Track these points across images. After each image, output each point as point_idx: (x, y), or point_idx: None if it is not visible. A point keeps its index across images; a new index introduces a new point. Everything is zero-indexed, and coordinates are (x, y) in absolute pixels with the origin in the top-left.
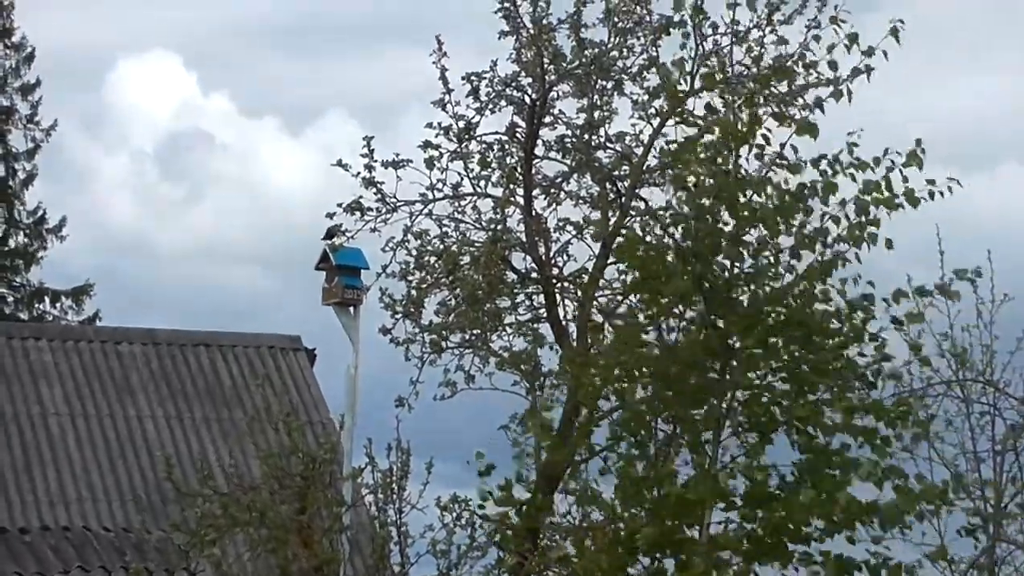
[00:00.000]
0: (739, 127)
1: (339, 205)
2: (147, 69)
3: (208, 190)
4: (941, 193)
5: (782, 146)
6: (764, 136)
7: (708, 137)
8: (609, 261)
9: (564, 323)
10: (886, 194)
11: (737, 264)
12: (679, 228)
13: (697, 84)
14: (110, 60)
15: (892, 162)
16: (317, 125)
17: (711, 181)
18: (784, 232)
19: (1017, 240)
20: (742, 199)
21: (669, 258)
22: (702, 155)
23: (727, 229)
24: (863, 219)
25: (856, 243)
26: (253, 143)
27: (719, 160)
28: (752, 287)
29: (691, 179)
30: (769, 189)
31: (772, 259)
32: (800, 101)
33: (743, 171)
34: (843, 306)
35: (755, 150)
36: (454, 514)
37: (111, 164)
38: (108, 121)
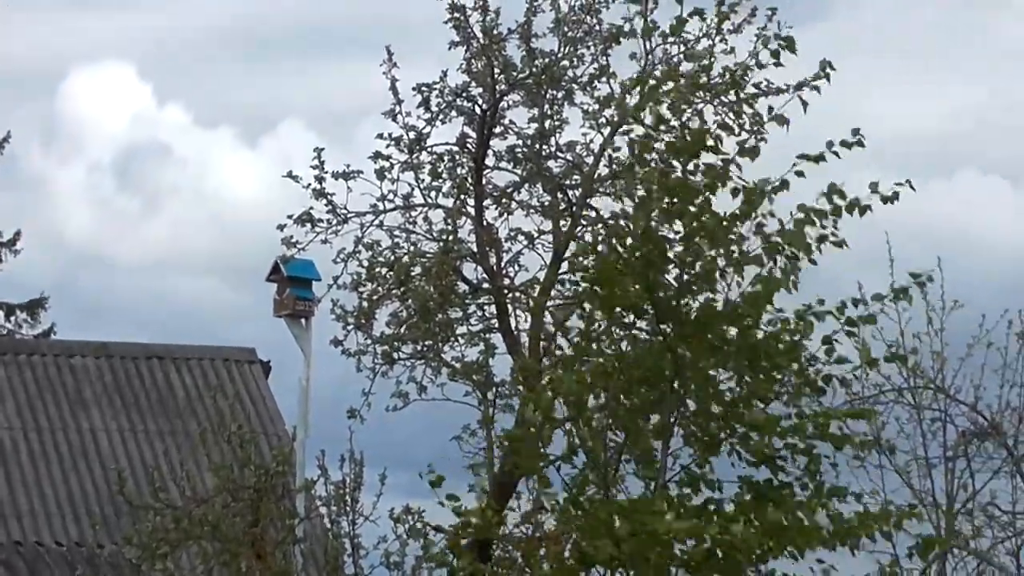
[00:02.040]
0: (688, 137)
1: (289, 217)
2: (101, 80)
3: (165, 201)
4: (892, 199)
5: (726, 163)
6: (714, 148)
7: (658, 145)
8: (561, 271)
9: (516, 333)
10: (833, 203)
11: (687, 272)
12: (629, 237)
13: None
14: (63, 70)
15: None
16: (273, 135)
17: (658, 191)
18: (732, 244)
19: (972, 248)
20: (692, 208)
21: (619, 267)
22: (654, 159)
23: (677, 238)
24: (807, 229)
25: (806, 251)
26: (209, 154)
27: (671, 168)
28: (699, 296)
29: (642, 188)
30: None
31: (717, 269)
32: (750, 111)
33: (695, 180)
34: (790, 316)
35: (706, 158)
36: (407, 525)
37: (66, 176)
38: (62, 132)
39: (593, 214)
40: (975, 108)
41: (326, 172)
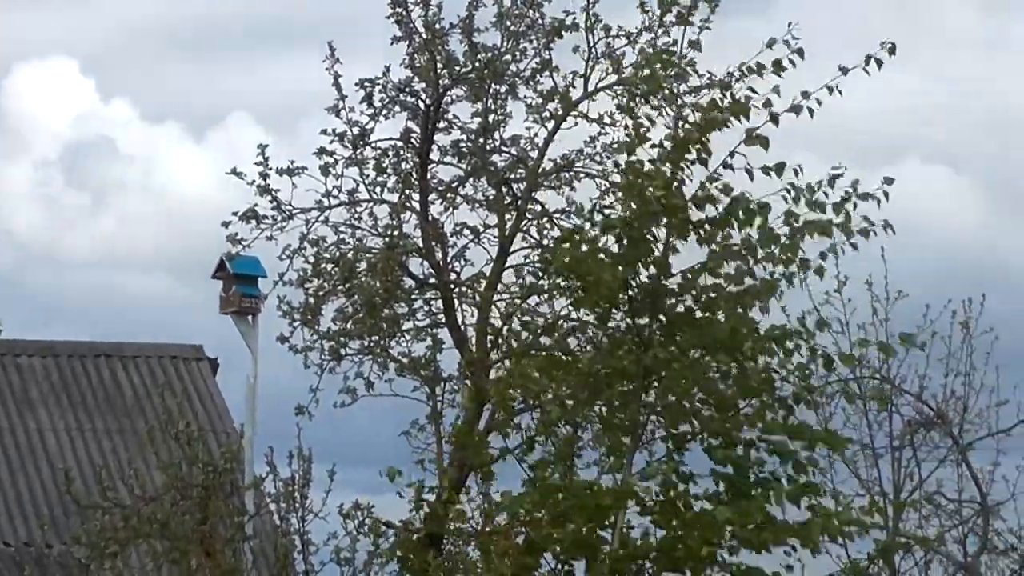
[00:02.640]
0: (685, 137)
1: (235, 214)
2: (44, 76)
3: (112, 198)
4: (880, 200)
5: (731, 154)
6: (704, 143)
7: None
8: (506, 265)
9: (463, 328)
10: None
11: (664, 272)
12: (612, 232)
13: (591, 87)
14: (4, 66)
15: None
16: (220, 129)
17: (652, 189)
18: (717, 245)
19: (916, 237)
20: (678, 210)
21: (600, 260)
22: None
23: (659, 235)
24: (796, 238)
25: (786, 264)
26: (156, 149)
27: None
28: (678, 300)
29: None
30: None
31: (701, 269)
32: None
33: (681, 180)
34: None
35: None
36: (356, 521)
37: (12, 172)
38: (7, 129)
39: (538, 208)
40: (916, 95)
41: (271, 168)
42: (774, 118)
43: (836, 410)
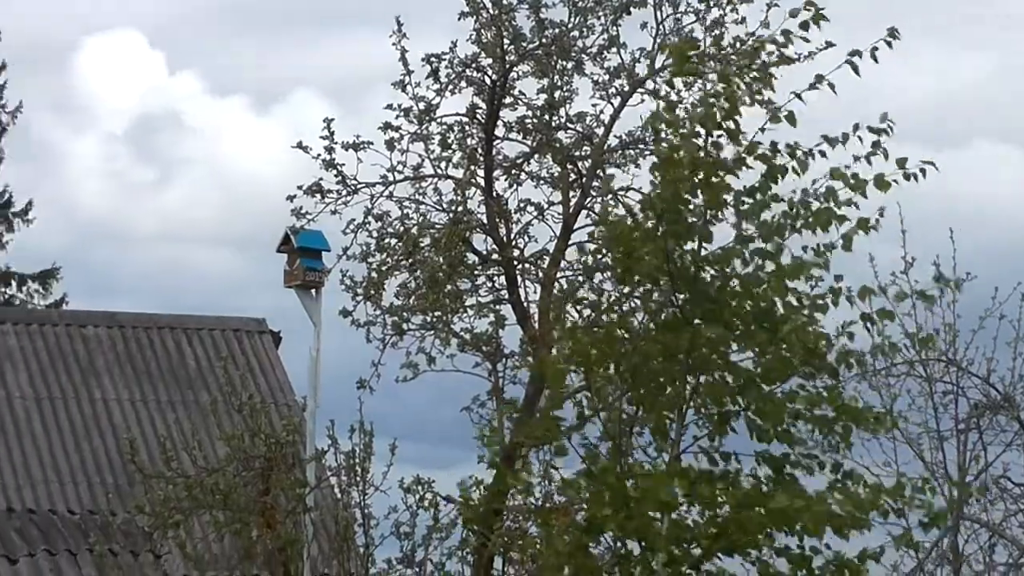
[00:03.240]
0: (715, 108)
1: (299, 187)
2: (112, 49)
3: (178, 171)
4: (915, 176)
5: (762, 130)
6: (736, 120)
7: (682, 114)
8: (570, 242)
9: (526, 304)
10: (852, 180)
11: (705, 245)
12: (650, 206)
13: (657, 64)
14: (74, 41)
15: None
16: (285, 104)
17: (686, 159)
18: (755, 216)
19: (986, 219)
20: (715, 180)
21: (638, 236)
22: (681, 130)
23: (697, 209)
24: (831, 204)
25: (824, 228)
26: (221, 123)
27: (695, 139)
28: (719, 269)
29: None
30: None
31: (741, 243)
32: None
33: (716, 152)
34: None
35: (730, 130)
36: (417, 496)
37: (80, 146)
38: (75, 102)
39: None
40: (988, 77)
41: (336, 143)
42: (798, 95)
43: (901, 391)
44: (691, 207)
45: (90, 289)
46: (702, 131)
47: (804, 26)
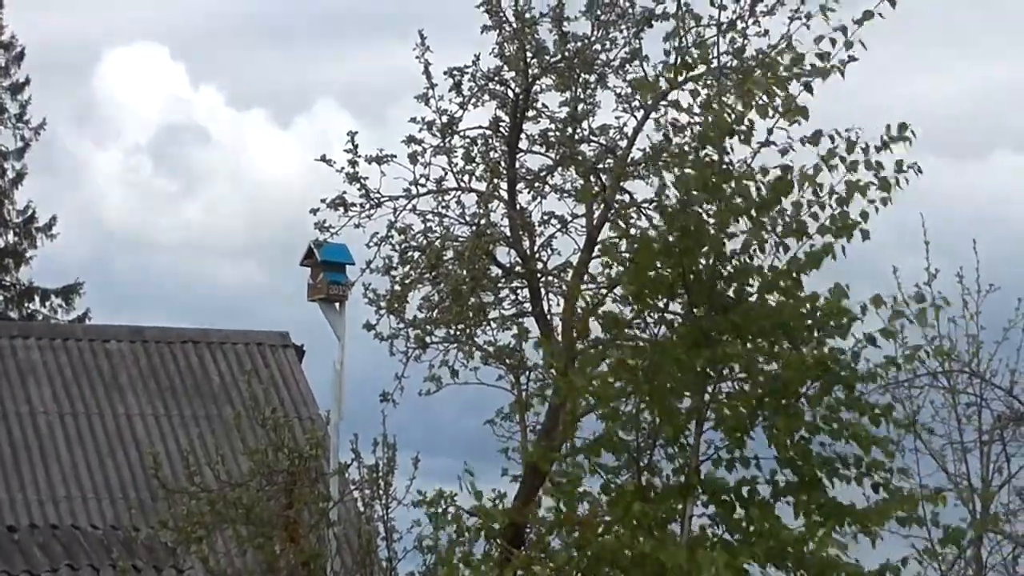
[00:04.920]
0: (726, 116)
1: (323, 200)
2: (134, 61)
3: (200, 184)
4: (906, 180)
5: (770, 131)
6: (749, 122)
7: (694, 128)
8: (594, 255)
9: (549, 317)
10: (863, 181)
11: (720, 259)
12: (664, 219)
13: (680, 76)
14: (96, 53)
15: (876, 146)
16: (307, 116)
17: (697, 173)
18: (768, 227)
19: (1010, 228)
20: (727, 191)
21: (654, 250)
22: (690, 144)
23: (711, 221)
24: (845, 208)
25: (837, 234)
26: (243, 136)
27: (704, 151)
28: (736, 284)
29: (676, 169)
30: (754, 182)
31: (757, 250)
32: (783, 93)
33: (728, 162)
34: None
35: (741, 136)
36: (439, 509)
37: (103, 159)
38: (97, 115)
39: (627, 198)
40: (1008, 84)
41: (359, 156)
42: (807, 87)
43: (924, 403)
44: (705, 219)
45: (112, 301)
46: (713, 136)
47: (818, 40)
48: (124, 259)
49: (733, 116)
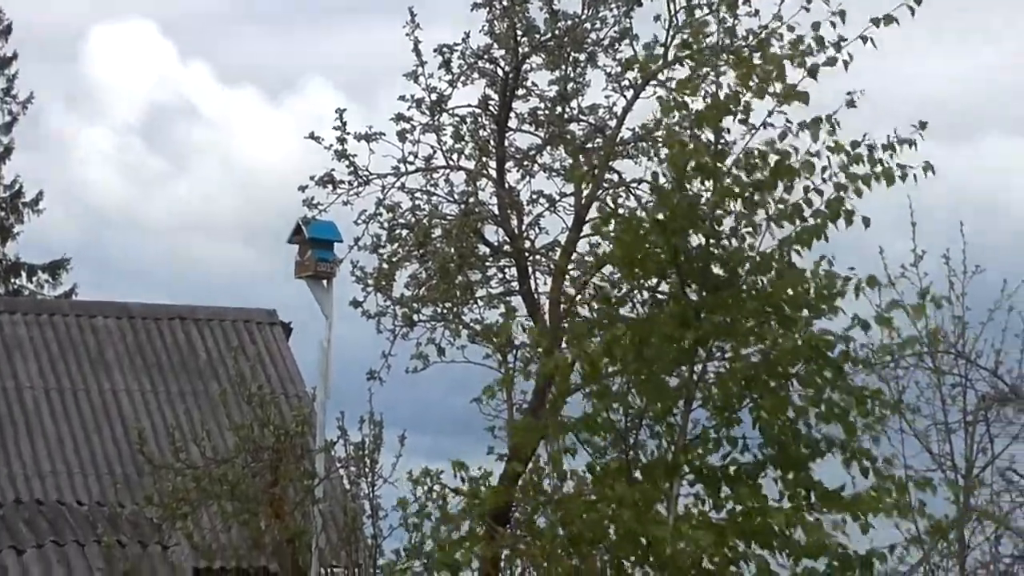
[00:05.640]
0: (721, 97)
1: (311, 178)
2: (123, 38)
3: (189, 161)
4: (915, 176)
5: (769, 113)
6: (746, 104)
7: (690, 106)
8: (582, 234)
9: (536, 296)
10: (864, 170)
11: (713, 239)
12: (656, 199)
13: (671, 56)
14: (85, 29)
15: (876, 144)
16: (297, 94)
17: (693, 153)
18: (761, 207)
19: (996, 211)
20: (723, 171)
21: (645, 229)
22: (684, 124)
23: (704, 202)
24: (841, 194)
25: (833, 218)
26: (233, 113)
27: (699, 131)
28: (729, 264)
29: (672, 148)
30: (752, 163)
31: (750, 232)
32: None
33: (724, 142)
34: (813, 284)
35: (739, 116)
36: (425, 487)
37: (91, 135)
38: (86, 92)
39: (616, 177)
40: (997, 69)
41: (348, 133)
42: (812, 72)
43: (909, 384)
44: (699, 199)
45: (100, 279)
46: (709, 118)
47: (816, 27)
48: (112, 236)
49: (729, 97)
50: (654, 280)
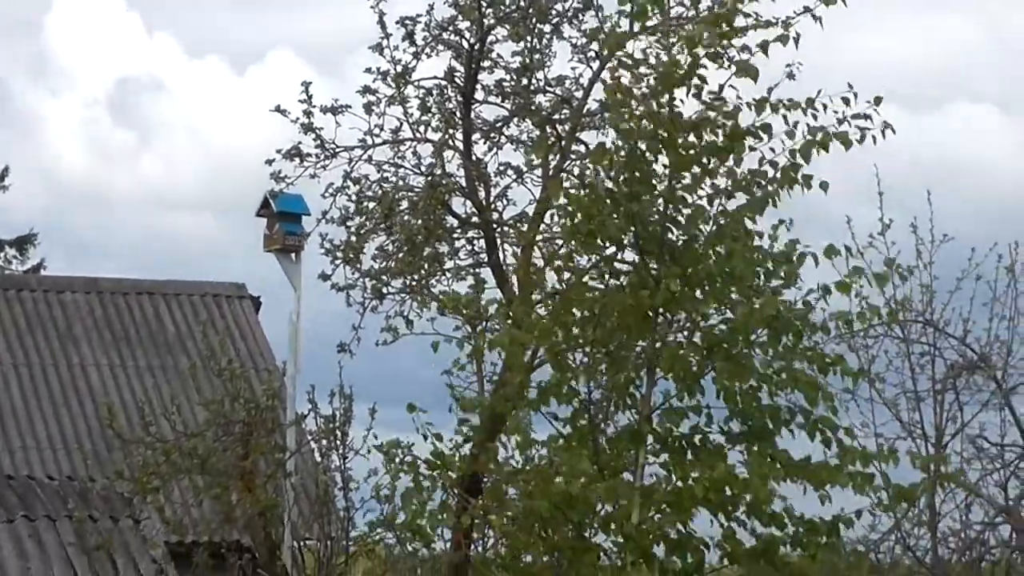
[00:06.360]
0: (676, 68)
1: (278, 151)
2: (89, 10)
3: (156, 135)
4: (873, 138)
5: (721, 87)
6: (700, 76)
7: (645, 78)
8: (550, 205)
9: (505, 267)
10: (819, 136)
11: (672, 206)
12: (613, 169)
13: (636, 27)
14: (48, 2)
15: (829, 106)
16: (263, 66)
17: (646, 123)
18: (720, 174)
19: (962, 179)
20: (679, 140)
21: (602, 198)
22: (638, 96)
23: (662, 171)
24: (796, 160)
25: (790, 184)
26: (200, 86)
27: (655, 102)
28: (687, 235)
29: (627, 123)
30: (707, 131)
31: (706, 200)
32: (739, 43)
33: (679, 112)
34: (773, 251)
35: (692, 90)
36: (396, 459)
37: (56, 109)
38: (51, 65)
39: (582, 148)
40: (964, 40)
41: (314, 106)
42: (764, 47)
43: (879, 353)
44: (654, 168)
45: (68, 254)
46: (662, 89)
47: None
48: (80, 211)
49: (683, 69)
50: (612, 250)
